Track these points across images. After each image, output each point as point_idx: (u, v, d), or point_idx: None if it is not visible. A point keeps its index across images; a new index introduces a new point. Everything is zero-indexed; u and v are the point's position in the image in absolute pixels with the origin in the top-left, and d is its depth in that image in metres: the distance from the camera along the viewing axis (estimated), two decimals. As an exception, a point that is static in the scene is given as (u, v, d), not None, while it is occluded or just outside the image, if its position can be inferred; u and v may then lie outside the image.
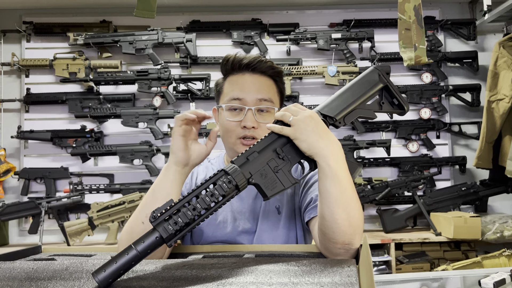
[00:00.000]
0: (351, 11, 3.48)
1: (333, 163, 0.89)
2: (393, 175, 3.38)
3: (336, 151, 0.90)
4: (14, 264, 0.84)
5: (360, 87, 0.99)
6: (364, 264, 0.73)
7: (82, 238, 2.98)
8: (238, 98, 1.20)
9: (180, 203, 0.77)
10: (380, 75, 1.01)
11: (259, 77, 1.23)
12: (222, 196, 0.80)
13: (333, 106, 0.97)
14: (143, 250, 0.73)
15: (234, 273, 0.75)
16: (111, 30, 3.37)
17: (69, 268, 0.81)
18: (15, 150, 3.33)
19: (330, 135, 0.91)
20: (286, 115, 0.91)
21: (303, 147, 0.89)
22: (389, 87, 1.01)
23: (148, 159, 3.19)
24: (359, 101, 0.98)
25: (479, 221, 2.79)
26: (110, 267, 0.70)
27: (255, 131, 1.18)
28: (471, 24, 3.42)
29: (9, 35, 3.37)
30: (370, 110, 0.99)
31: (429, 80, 3.37)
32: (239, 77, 1.23)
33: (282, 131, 0.90)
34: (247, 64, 1.22)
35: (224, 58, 1.25)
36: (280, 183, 0.88)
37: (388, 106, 1.02)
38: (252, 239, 1.21)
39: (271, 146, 0.90)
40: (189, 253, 1.06)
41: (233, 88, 1.22)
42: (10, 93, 3.33)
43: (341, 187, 0.89)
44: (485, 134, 3.02)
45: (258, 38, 3.37)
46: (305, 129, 0.89)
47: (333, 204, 0.89)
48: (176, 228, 0.75)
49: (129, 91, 3.33)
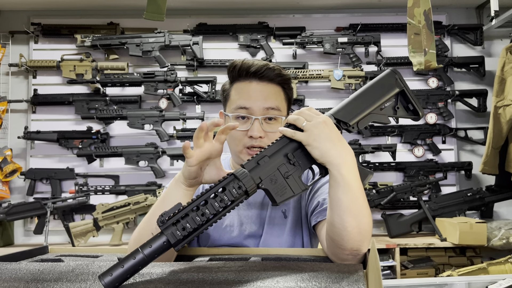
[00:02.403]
0: (358, 15, 3.48)
1: (345, 172, 0.87)
2: (398, 179, 3.37)
3: (349, 159, 0.88)
4: (20, 265, 0.84)
5: (376, 90, 0.96)
6: (372, 269, 0.72)
7: (87, 239, 2.99)
8: (244, 107, 1.17)
9: (188, 208, 0.76)
10: (397, 79, 0.97)
11: (266, 85, 1.20)
12: (231, 202, 0.79)
13: (347, 111, 0.93)
14: (150, 255, 0.73)
15: (240, 276, 0.74)
16: (118, 32, 3.39)
17: (75, 270, 0.81)
18: (22, 151, 3.35)
19: (343, 142, 0.89)
20: (299, 119, 0.89)
21: (315, 154, 0.87)
22: (406, 91, 0.98)
23: (153, 161, 3.19)
24: (374, 106, 0.95)
25: (485, 227, 2.77)
26: (117, 270, 0.70)
27: (262, 140, 1.16)
28: (478, 29, 3.41)
29: (17, 36, 3.39)
30: (385, 115, 0.96)
31: (435, 85, 3.36)
32: (246, 85, 1.20)
33: (294, 136, 0.87)
34: (255, 72, 1.19)
35: (231, 64, 1.22)
36: (290, 189, 0.86)
37: (402, 111, 0.99)
38: (258, 243, 1.21)
39: (282, 150, 0.87)
40: (195, 255, 1.06)
41: (240, 96, 1.19)
42: (17, 94, 3.35)
43: (352, 196, 0.87)
44: (492, 140, 3.01)
45: (265, 41, 3.37)
46: (319, 135, 0.86)
47: (344, 212, 0.87)
48: (184, 234, 0.74)
49: (135, 93, 3.34)
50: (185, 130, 3.25)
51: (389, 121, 0.98)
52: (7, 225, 3.10)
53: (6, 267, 0.83)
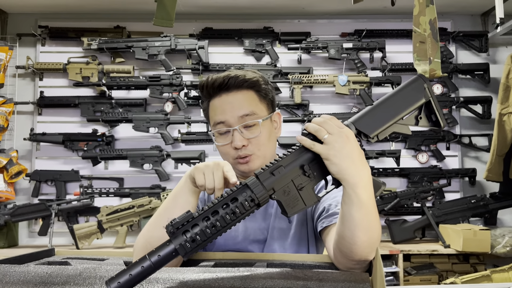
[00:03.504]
0: (363, 21, 3.49)
1: (360, 191, 0.84)
2: (402, 185, 3.36)
3: (365, 177, 0.85)
4: (29, 268, 0.85)
5: (402, 100, 0.90)
6: (378, 277, 0.73)
7: (91, 241, 3.00)
8: (221, 122, 1.19)
9: (199, 217, 0.75)
10: (425, 88, 0.90)
11: (235, 94, 1.20)
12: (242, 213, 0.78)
13: (369, 121, 0.87)
14: (158, 263, 0.73)
15: (246, 284, 0.75)
16: (124, 35, 3.41)
17: (83, 273, 0.81)
18: (27, 152, 3.37)
19: (363, 160, 0.85)
20: (321, 131, 0.84)
21: (333, 170, 0.83)
22: (432, 102, 0.91)
23: (158, 164, 3.20)
24: (398, 117, 0.89)
25: (489, 234, 2.77)
26: (124, 277, 0.70)
27: (247, 148, 1.18)
28: (483, 36, 3.41)
29: (25, 39, 3.42)
30: (406, 126, 0.90)
31: (440, 91, 3.36)
32: (217, 100, 1.21)
33: (313, 147, 0.83)
34: (219, 85, 1.19)
35: (199, 85, 1.24)
36: (302, 201, 0.82)
37: (425, 121, 0.93)
38: (262, 248, 1.21)
39: (298, 161, 0.83)
40: (201, 259, 1.06)
41: (215, 112, 1.21)
42: (24, 96, 3.37)
43: (365, 211, 0.85)
44: (496, 147, 3.00)
45: (270, 46, 3.38)
46: (340, 151, 0.82)
47: (355, 228, 0.86)
48: (193, 246, 0.74)
49: (141, 96, 3.36)
50: (190, 133, 3.27)
51: (410, 132, 0.92)
52: (12, 226, 3.11)
53: (14, 270, 0.83)
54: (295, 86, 3.23)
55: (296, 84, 3.23)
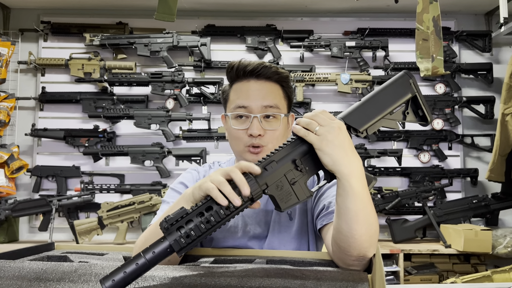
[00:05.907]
0: (366, 19, 3.47)
1: (354, 182, 0.85)
2: (403, 185, 3.35)
3: (358, 168, 0.87)
4: (23, 263, 0.84)
5: (389, 95, 0.93)
6: (377, 276, 0.72)
7: (91, 237, 3.00)
8: (243, 106, 1.18)
9: (193, 213, 0.75)
10: (411, 83, 0.94)
11: (264, 83, 1.20)
12: (236, 208, 0.78)
13: (358, 116, 0.90)
14: (153, 260, 0.72)
15: (243, 282, 0.74)
16: (127, 32, 3.41)
17: (78, 270, 0.81)
18: (29, 148, 3.37)
19: (354, 151, 0.87)
20: (312, 123, 0.86)
21: (326, 161, 0.84)
22: (418, 97, 0.95)
23: (159, 160, 3.20)
24: (385, 112, 0.92)
25: (490, 235, 2.76)
26: (119, 275, 0.70)
27: (262, 138, 1.17)
28: (487, 36, 3.39)
29: (27, 34, 3.42)
30: (394, 121, 0.93)
31: (442, 91, 3.35)
32: (244, 84, 1.21)
33: (307, 136, 0.85)
34: (252, 71, 1.19)
35: (229, 65, 1.23)
36: (295, 196, 0.84)
37: (412, 116, 0.96)
38: (263, 244, 1.20)
39: (290, 155, 0.85)
40: (200, 255, 1.06)
41: (238, 95, 1.21)
42: (25, 91, 3.37)
43: (361, 204, 0.86)
44: (498, 147, 2.99)
45: (272, 44, 3.37)
46: (332, 142, 0.84)
47: (352, 220, 0.87)
48: (188, 242, 0.73)
49: (142, 92, 3.35)
50: (191, 130, 3.26)
51: (398, 126, 0.96)
52: (12, 221, 3.11)
53: (9, 265, 0.83)
54: (297, 84, 3.22)
55: (298, 82, 3.22)
